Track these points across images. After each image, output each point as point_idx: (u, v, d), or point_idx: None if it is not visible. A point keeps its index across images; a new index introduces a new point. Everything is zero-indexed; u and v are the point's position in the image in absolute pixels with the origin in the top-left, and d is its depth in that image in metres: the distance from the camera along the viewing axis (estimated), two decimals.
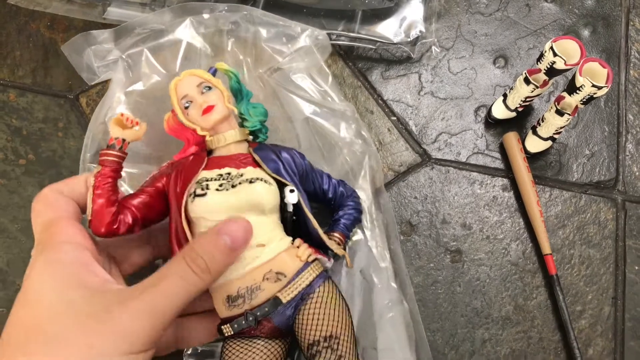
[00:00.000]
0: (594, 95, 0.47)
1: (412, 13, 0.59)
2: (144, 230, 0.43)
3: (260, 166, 0.43)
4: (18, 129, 0.57)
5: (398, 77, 0.59)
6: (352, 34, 0.58)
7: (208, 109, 0.43)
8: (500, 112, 0.56)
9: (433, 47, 0.59)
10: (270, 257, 0.40)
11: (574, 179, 0.55)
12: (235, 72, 0.46)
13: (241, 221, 0.38)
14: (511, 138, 0.54)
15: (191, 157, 0.44)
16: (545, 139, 0.54)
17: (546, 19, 0.61)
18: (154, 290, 0.35)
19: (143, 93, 0.52)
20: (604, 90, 0.47)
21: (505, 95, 0.55)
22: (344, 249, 0.47)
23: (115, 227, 0.40)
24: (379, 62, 0.60)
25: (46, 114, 0.57)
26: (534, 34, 0.60)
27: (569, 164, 0.56)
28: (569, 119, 0.51)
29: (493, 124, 0.57)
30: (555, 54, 0.48)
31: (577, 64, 0.48)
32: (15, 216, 0.54)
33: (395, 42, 0.58)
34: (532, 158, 0.55)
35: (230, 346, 0.42)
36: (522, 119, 0.57)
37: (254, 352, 0.41)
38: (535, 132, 0.54)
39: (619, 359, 0.50)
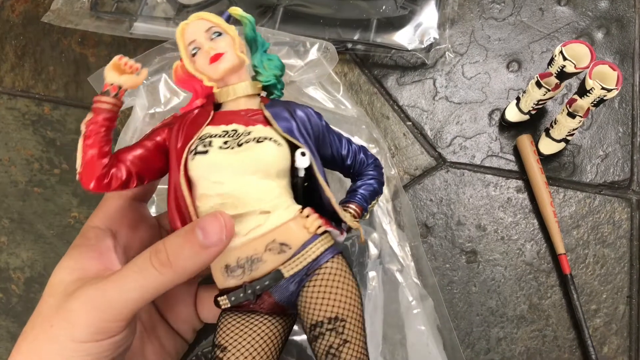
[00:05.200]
0: (604, 98, 0.48)
1: (426, 20, 0.61)
2: None
3: (271, 125, 0.39)
4: (52, 140, 0.60)
5: (413, 83, 0.61)
6: (367, 42, 0.60)
7: (216, 57, 0.39)
8: (513, 115, 0.57)
9: (447, 53, 0.61)
10: (274, 226, 0.36)
11: (588, 180, 0.56)
12: (250, 18, 0.42)
13: (221, 216, 0.34)
14: (525, 141, 0.55)
15: (196, 111, 0.40)
16: (559, 141, 0.55)
17: (559, 22, 0.62)
18: (106, 282, 0.33)
19: (164, 115, 0.54)
20: (614, 93, 0.47)
21: (518, 99, 0.57)
22: (359, 223, 0.42)
23: (106, 181, 0.36)
24: (394, 69, 0.61)
25: (78, 125, 0.60)
26: (548, 38, 0.61)
27: (582, 165, 0.56)
28: (581, 121, 0.52)
29: (507, 127, 0.58)
30: (565, 58, 0.49)
31: (587, 67, 0.49)
32: (51, 223, 0.57)
33: (409, 49, 0.59)
34: (546, 159, 0.56)
35: (227, 320, 0.38)
36: (536, 122, 0.58)
37: (251, 329, 0.37)
38: (548, 135, 0.55)
39: (635, 357, 0.50)
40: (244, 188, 0.36)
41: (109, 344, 0.34)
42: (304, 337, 0.48)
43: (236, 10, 0.41)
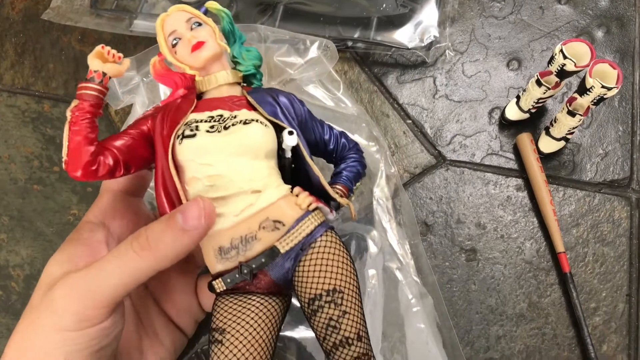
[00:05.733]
0: (604, 96, 0.48)
1: (426, 18, 0.61)
2: None
3: (255, 109, 0.40)
4: (52, 137, 0.60)
5: (413, 81, 0.61)
6: (367, 41, 0.60)
7: (198, 45, 0.40)
8: (513, 113, 0.57)
9: (447, 51, 0.61)
10: (266, 204, 0.37)
11: (587, 178, 0.56)
12: (227, 12, 0.43)
13: (202, 202, 0.35)
14: (524, 139, 0.55)
15: (179, 100, 0.41)
16: (559, 140, 0.55)
17: (560, 21, 0.62)
18: (88, 269, 0.34)
19: None
20: (614, 91, 0.47)
21: (518, 97, 0.57)
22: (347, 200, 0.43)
23: (93, 168, 0.36)
24: (394, 67, 0.61)
25: None
26: (548, 36, 0.61)
27: (582, 163, 0.56)
28: (581, 119, 0.52)
29: (507, 126, 0.58)
30: (565, 57, 0.49)
31: (587, 65, 0.49)
32: (50, 220, 0.57)
33: (410, 47, 0.59)
34: (546, 158, 0.56)
35: (223, 303, 0.38)
36: (536, 120, 0.58)
37: (249, 309, 0.37)
38: (548, 133, 0.55)
39: (634, 355, 0.50)
40: (234, 169, 0.37)
41: (95, 332, 0.34)
42: (304, 334, 0.49)
43: (213, 5, 0.43)
